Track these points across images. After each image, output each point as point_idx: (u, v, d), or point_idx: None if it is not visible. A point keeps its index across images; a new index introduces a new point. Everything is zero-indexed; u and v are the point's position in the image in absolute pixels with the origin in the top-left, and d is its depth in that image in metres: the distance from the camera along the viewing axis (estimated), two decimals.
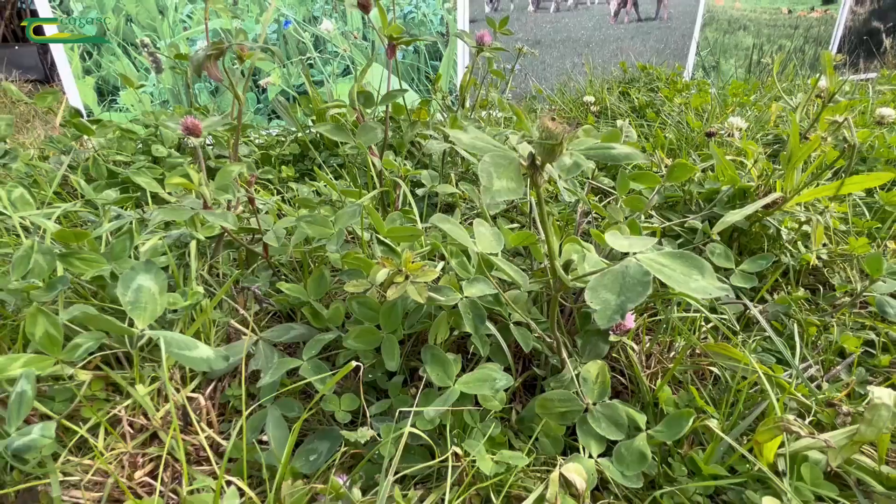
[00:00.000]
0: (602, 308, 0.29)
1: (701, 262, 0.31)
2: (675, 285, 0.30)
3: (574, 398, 0.54)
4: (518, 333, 0.62)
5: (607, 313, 0.28)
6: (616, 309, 0.28)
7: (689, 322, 0.74)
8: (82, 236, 0.62)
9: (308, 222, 0.62)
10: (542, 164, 0.30)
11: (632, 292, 0.29)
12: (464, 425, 0.54)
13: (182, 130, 0.52)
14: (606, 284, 0.30)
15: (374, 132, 0.65)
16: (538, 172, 0.30)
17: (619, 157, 0.30)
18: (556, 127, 0.29)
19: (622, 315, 0.28)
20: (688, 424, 0.51)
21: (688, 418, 0.52)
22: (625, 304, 0.28)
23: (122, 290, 0.51)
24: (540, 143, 0.29)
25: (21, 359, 0.51)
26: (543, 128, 0.29)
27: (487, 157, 0.29)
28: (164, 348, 0.49)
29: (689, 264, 0.31)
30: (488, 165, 0.28)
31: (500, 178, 0.28)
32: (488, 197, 0.27)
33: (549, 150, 0.29)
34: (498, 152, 0.29)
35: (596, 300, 0.29)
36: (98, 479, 0.53)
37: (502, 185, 0.28)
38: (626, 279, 0.29)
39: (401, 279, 0.52)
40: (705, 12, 3.20)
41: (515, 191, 0.28)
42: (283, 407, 0.56)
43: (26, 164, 1.01)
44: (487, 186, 0.28)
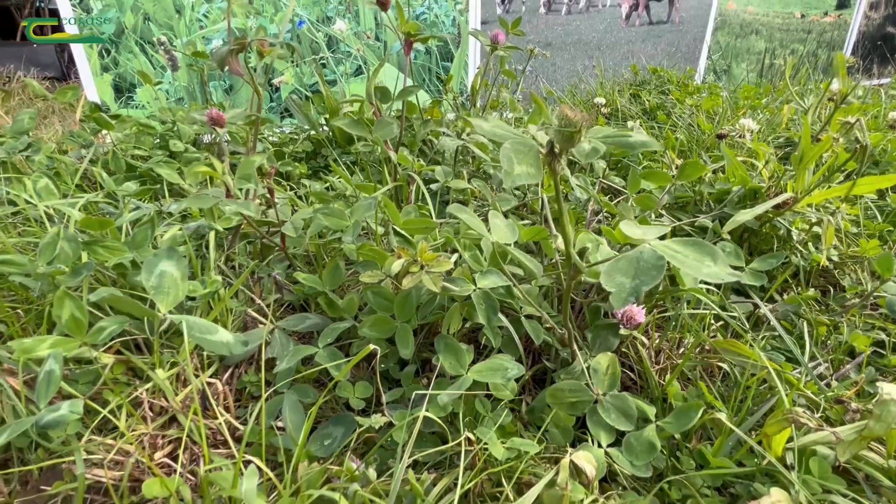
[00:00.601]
0: (617, 290, 0.30)
1: (713, 249, 0.32)
2: (689, 270, 0.31)
3: (584, 388, 0.55)
4: (529, 326, 0.63)
5: (622, 295, 0.29)
6: (631, 291, 0.29)
7: (699, 319, 0.75)
8: (106, 224, 0.64)
9: (325, 214, 0.64)
10: (560, 151, 0.31)
11: (646, 276, 0.30)
12: (475, 413, 0.55)
13: (207, 121, 0.53)
14: (621, 269, 0.31)
15: (391, 127, 0.67)
16: (556, 160, 0.31)
17: (635, 144, 0.31)
18: (575, 115, 0.30)
19: (637, 297, 0.29)
20: (697, 416, 0.52)
21: (697, 410, 0.53)
22: (639, 286, 0.29)
23: (146, 274, 0.52)
24: (559, 131, 0.30)
25: (48, 340, 0.53)
26: (563, 116, 0.30)
27: (508, 144, 0.30)
28: (186, 332, 0.50)
29: (701, 251, 0.32)
30: (509, 151, 0.29)
31: (521, 163, 0.29)
32: (509, 181, 0.28)
33: (567, 138, 0.30)
34: (518, 139, 0.31)
35: (611, 283, 0.30)
36: (119, 458, 0.55)
37: (522, 170, 0.29)
38: (641, 263, 0.30)
39: (416, 269, 0.53)
40: (717, 16, 3.20)
41: (535, 176, 0.29)
42: (299, 392, 0.58)
43: (48, 156, 1.03)
44: (508, 171, 0.29)
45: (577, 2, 2.68)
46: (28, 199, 0.72)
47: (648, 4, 2.89)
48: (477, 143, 0.94)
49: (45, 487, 0.54)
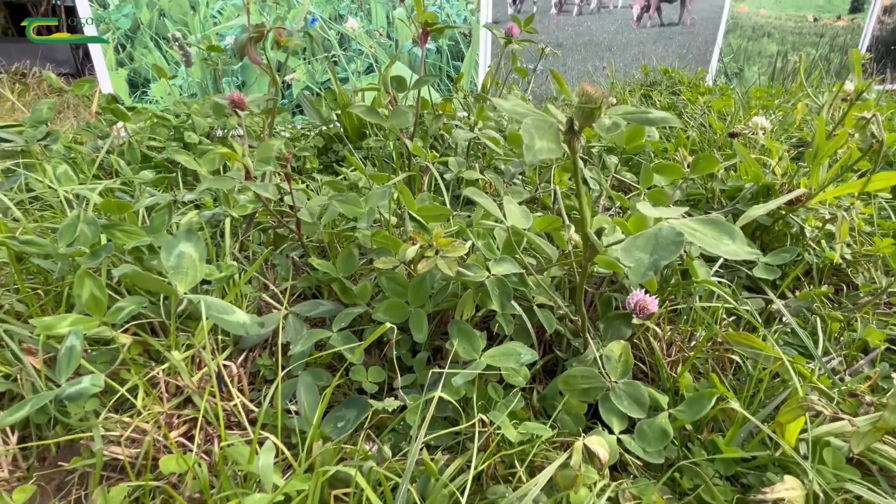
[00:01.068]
0: (636, 265, 0.30)
1: (731, 228, 0.32)
2: (707, 247, 0.31)
3: (597, 375, 0.55)
4: (542, 315, 0.63)
5: (640, 269, 0.30)
6: (649, 266, 0.30)
7: (711, 313, 0.75)
8: (125, 208, 0.65)
9: (340, 201, 0.64)
10: (580, 128, 0.31)
11: (664, 251, 0.30)
12: (488, 399, 0.56)
13: (228, 104, 0.54)
14: (640, 245, 0.31)
15: (406, 116, 0.67)
16: (576, 137, 0.32)
17: (654, 119, 0.31)
18: (595, 91, 0.30)
19: (655, 272, 0.29)
20: (709, 404, 0.52)
21: (710, 399, 0.53)
22: (657, 261, 0.30)
23: (166, 255, 0.53)
24: (579, 107, 0.30)
25: (68, 319, 0.54)
26: (583, 92, 0.30)
27: (528, 120, 0.30)
28: (204, 311, 0.51)
29: (719, 230, 0.32)
30: (529, 126, 0.30)
31: (541, 138, 0.30)
32: (530, 155, 0.29)
33: (587, 114, 0.30)
34: (538, 116, 0.31)
35: (630, 258, 0.30)
36: (136, 436, 0.56)
37: (542, 145, 0.29)
38: (660, 240, 0.31)
39: (431, 253, 0.53)
40: (729, 18, 3.19)
41: (555, 150, 0.30)
42: (314, 375, 0.58)
43: (66, 146, 1.05)
44: (529, 145, 0.29)
45: (589, 3, 2.69)
46: (48, 185, 0.73)
47: (660, 6, 2.88)
48: (489, 138, 0.94)
49: (63, 463, 0.55)
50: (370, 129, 1.49)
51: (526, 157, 0.29)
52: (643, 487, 0.49)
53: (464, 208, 1.01)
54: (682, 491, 0.54)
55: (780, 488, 0.45)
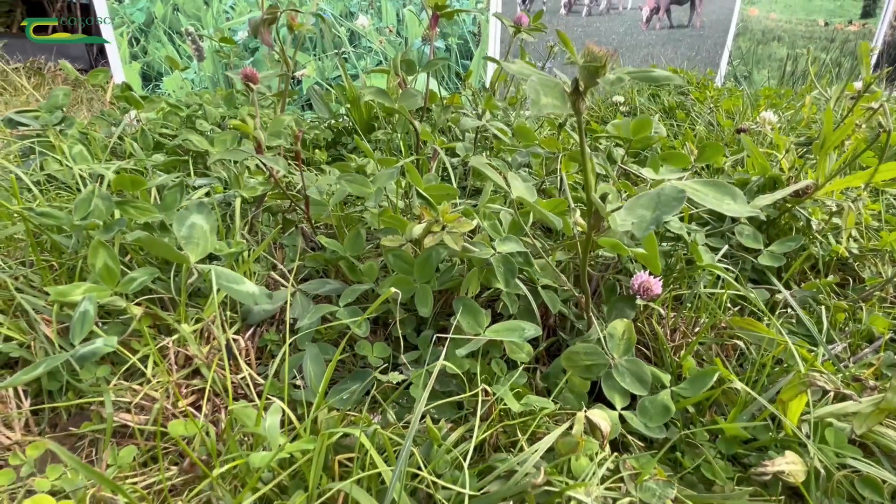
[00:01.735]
0: (639, 221, 0.31)
1: (733, 189, 0.33)
2: (709, 205, 0.31)
3: (600, 352, 0.55)
4: (546, 296, 0.63)
5: (643, 224, 0.30)
6: (651, 220, 0.30)
7: (715, 299, 0.75)
8: (139, 184, 0.66)
9: (348, 181, 0.65)
10: (585, 88, 0.32)
11: (666, 206, 0.30)
12: (491, 374, 0.56)
13: (241, 78, 0.55)
14: (642, 204, 0.32)
15: (415, 98, 0.68)
16: (581, 98, 0.32)
17: (659, 78, 0.32)
18: (600, 50, 0.31)
19: (657, 226, 0.30)
20: (710, 381, 0.52)
21: (711, 376, 0.53)
22: (660, 216, 0.30)
23: (178, 226, 0.54)
24: (584, 66, 0.31)
25: (82, 287, 0.55)
26: (588, 52, 0.31)
27: (534, 77, 0.31)
28: (214, 280, 0.52)
29: (721, 191, 0.33)
30: (535, 83, 0.31)
31: (546, 95, 0.30)
32: (536, 109, 0.30)
33: (592, 73, 0.31)
34: (543, 76, 0.32)
35: (633, 216, 0.31)
36: (145, 403, 0.57)
37: (548, 101, 0.30)
38: (661, 198, 0.31)
39: (438, 229, 0.54)
40: (739, 21, 3.18)
41: (560, 107, 0.30)
42: (320, 348, 0.59)
43: (80, 131, 1.07)
44: (535, 100, 0.30)
45: (598, 4, 2.70)
46: (64, 163, 0.75)
47: (669, 8, 2.88)
48: (497, 128, 0.95)
49: (74, 428, 0.56)
50: (379, 122, 1.51)
51: (532, 111, 0.29)
52: (644, 462, 0.49)
53: (471, 198, 1.02)
54: (684, 469, 0.55)
55: (780, 461, 0.45)
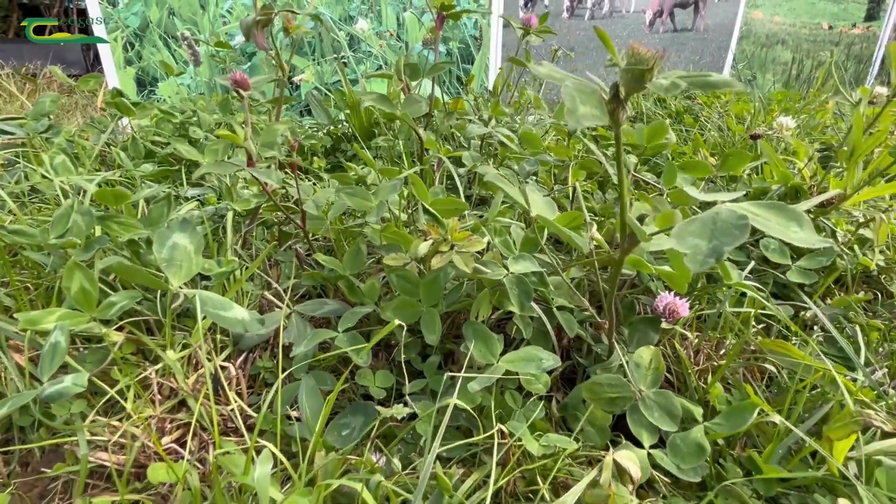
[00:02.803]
0: (692, 252, 0.26)
1: (798, 213, 0.28)
2: (773, 233, 0.27)
3: (625, 383, 0.50)
4: (563, 318, 0.59)
5: (698, 257, 0.25)
6: (709, 252, 0.25)
7: (741, 319, 0.70)
8: (122, 198, 0.61)
9: (348, 194, 0.61)
10: (626, 94, 0.27)
11: (726, 236, 0.26)
12: (505, 407, 0.51)
13: (231, 84, 0.51)
14: (694, 231, 0.27)
15: (420, 104, 0.64)
16: (621, 106, 0.28)
17: (717, 83, 0.27)
18: (647, 51, 0.26)
19: (716, 259, 0.25)
20: (751, 418, 0.47)
21: (750, 411, 0.48)
22: (719, 248, 0.25)
23: (158, 247, 0.49)
24: (628, 70, 0.26)
25: (56, 313, 0.50)
26: (632, 52, 0.26)
27: (570, 83, 0.26)
28: (199, 307, 0.47)
29: (785, 215, 0.28)
30: (571, 90, 0.26)
31: (584, 103, 0.26)
32: (573, 120, 0.25)
33: (637, 77, 0.26)
34: (579, 80, 0.27)
35: (683, 245, 0.26)
36: (125, 441, 0.52)
37: (587, 111, 0.25)
38: (718, 224, 0.26)
39: (446, 248, 0.49)
40: (743, 25, 3.15)
41: (599, 118, 0.26)
42: (317, 378, 0.54)
43: (68, 139, 1.02)
44: (572, 109, 0.25)
45: (601, 7, 2.66)
46: (44, 175, 0.70)
47: (673, 11, 2.85)
48: (504, 135, 0.90)
49: (46, 469, 0.51)
50: (379, 128, 1.46)
51: (568, 124, 0.25)
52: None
53: (476, 209, 0.97)
54: None
55: None
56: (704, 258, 0.25)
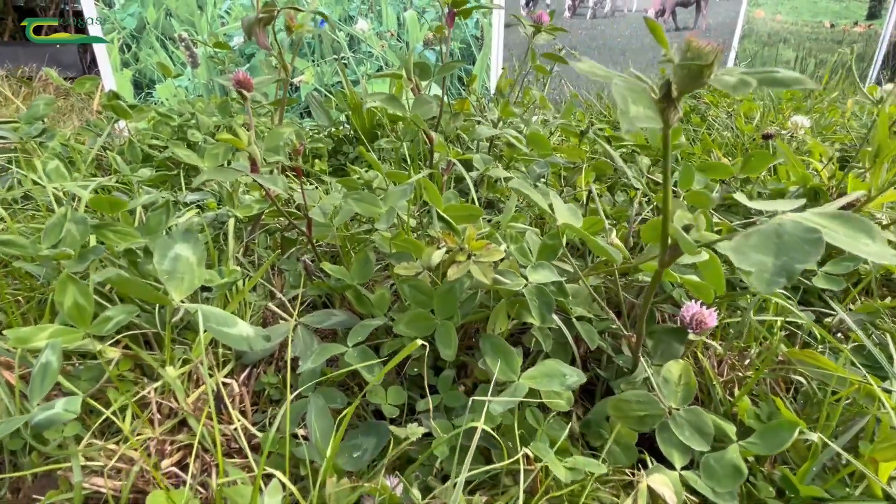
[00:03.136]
0: (757, 270, 0.23)
1: (869, 225, 0.25)
2: (841, 245, 0.24)
3: (654, 401, 0.47)
4: (583, 329, 0.56)
5: (764, 276, 0.22)
6: (776, 271, 0.22)
7: (767, 327, 0.67)
8: (118, 206, 0.58)
9: (356, 199, 0.58)
10: (679, 94, 0.25)
11: (797, 252, 0.23)
12: (526, 426, 0.48)
13: (233, 84, 0.48)
14: (755, 245, 0.24)
15: (430, 105, 0.61)
16: (672, 106, 0.25)
17: (787, 80, 0.24)
18: (707, 45, 0.23)
19: (788, 279, 0.22)
20: (790, 437, 0.45)
21: (789, 430, 0.45)
22: (789, 265, 0.22)
23: (159, 258, 0.46)
24: (684, 66, 0.24)
25: (48, 330, 0.47)
26: (689, 46, 0.23)
27: (619, 81, 0.24)
28: (201, 323, 0.44)
29: (853, 227, 0.25)
30: (622, 89, 0.23)
31: (636, 103, 0.23)
32: (626, 121, 0.22)
33: (694, 74, 0.24)
34: (627, 78, 0.24)
35: (745, 261, 0.23)
36: (122, 465, 0.49)
37: (639, 112, 0.23)
38: (784, 237, 0.24)
39: (463, 258, 0.46)
40: (745, 23, 3.12)
41: (653, 119, 0.23)
42: (326, 396, 0.51)
43: (63, 143, 0.99)
44: (624, 110, 0.22)
45: (603, 6, 2.63)
46: (36, 181, 0.67)
47: (675, 10, 2.82)
48: (513, 136, 0.87)
49: (39, 497, 0.48)
50: (382, 130, 1.43)
51: (622, 125, 0.22)
52: None
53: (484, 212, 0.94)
54: None
55: None
56: (772, 277, 0.22)
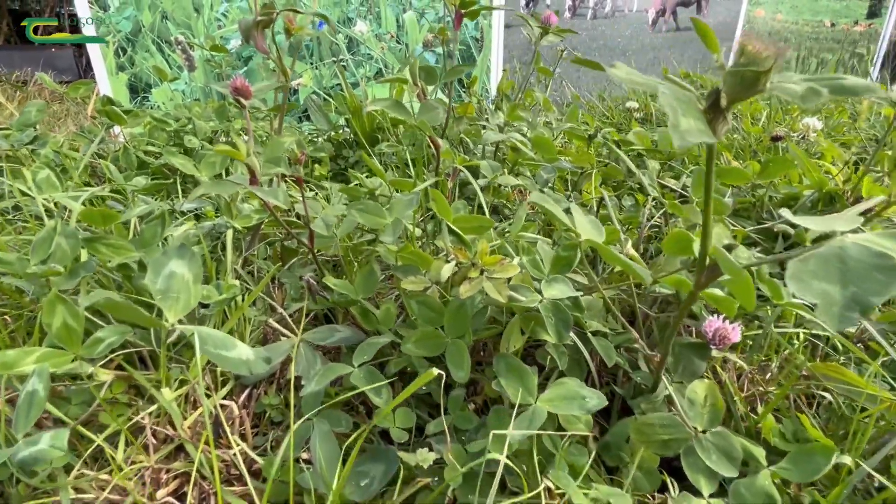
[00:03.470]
0: (824, 302, 0.20)
1: None
2: None
3: (679, 424, 0.45)
4: (599, 345, 0.53)
5: (833, 310, 0.20)
6: (846, 304, 0.20)
7: (787, 339, 0.65)
8: (110, 218, 0.55)
9: (360, 210, 0.55)
10: (728, 103, 0.22)
11: (868, 282, 0.20)
12: (542, 449, 0.46)
13: (231, 92, 0.45)
14: (815, 273, 0.22)
15: (437, 112, 0.58)
16: (721, 116, 0.22)
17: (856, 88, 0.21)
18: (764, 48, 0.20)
19: (862, 313, 0.20)
20: (827, 464, 0.42)
21: (825, 456, 0.42)
22: (860, 297, 0.20)
23: (153, 276, 0.44)
24: (736, 72, 0.21)
25: (35, 353, 0.44)
26: (743, 50, 0.21)
27: (665, 89, 0.21)
28: (198, 347, 0.42)
29: None
30: (671, 99, 0.20)
31: (686, 115, 0.20)
32: (678, 137, 0.19)
33: (748, 82, 0.21)
34: (674, 87, 0.22)
35: (809, 293, 0.21)
36: (115, 497, 0.46)
37: (690, 125, 0.20)
38: (850, 264, 0.21)
39: (476, 274, 0.44)
40: (745, 23, 3.10)
41: (705, 133, 0.20)
42: (331, 420, 0.48)
43: (55, 150, 0.96)
44: (675, 124, 0.20)
45: (603, 6, 2.61)
46: (25, 192, 0.64)
47: (676, 10, 2.80)
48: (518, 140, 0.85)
49: None
50: (383, 134, 1.41)
51: (674, 141, 0.19)
52: None
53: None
54: None
55: None
56: (842, 312, 0.20)
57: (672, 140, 0.20)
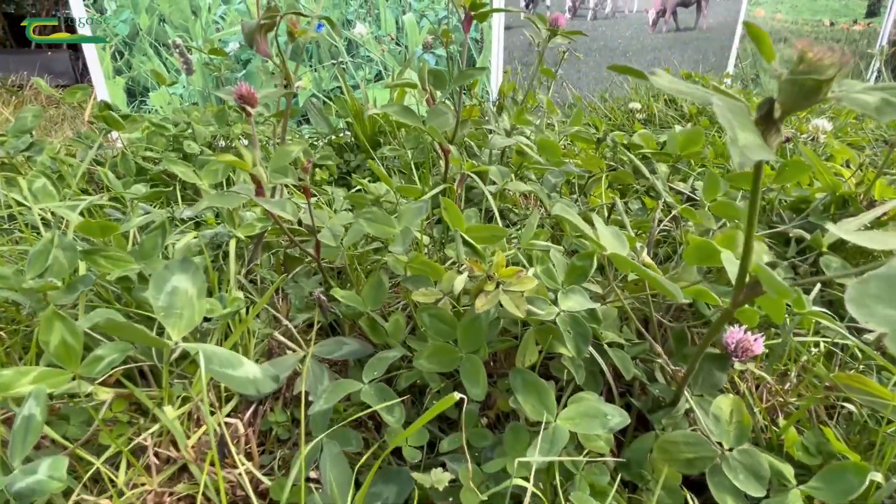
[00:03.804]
0: (894, 332, 0.19)
1: None
2: None
3: (704, 442, 0.43)
4: (617, 357, 0.51)
5: None
6: None
7: (806, 348, 0.63)
8: (109, 230, 0.54)
9: (368, 219, 0.53)
10: (783, 113, 0.20)
11: None
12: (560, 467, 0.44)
13: (235, 98, 0.43)
14: (879, 296, 0.20)
15: (446, 117, 0.56)
16: (774, 128, 0.21)
17: None
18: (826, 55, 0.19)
19: None
20: (861, 484, 0.40)
21: (859, 475, 0.41)
22: None
23: (155, 292, 0.42)
24: (795, 81, 0.19)
25: (32, 373, 0.42)
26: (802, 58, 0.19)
27: (719, 101, 0.19)
28: (203, 366, 0.40)
29: None
30: (726, 112, 0.19)
31: (743, 129, 0.19)
32: (738, 155, 0.18)
33: (808, 92, 0.19)
34: (725, 98, 0.20)
35: (873, 319, 0.19)
36: None
37: (749, 140, 0.18)
38: None
39: (492, 287, 0.42)
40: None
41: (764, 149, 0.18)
42: (341, 440, 0.46)
43: (52, 157, 0.94)
44: (733, 139, 0.18)
45: (603, 7, 2.60)
46: (21, 201, 0.62)
47: (676, 10, 2.79)
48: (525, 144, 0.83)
49: None
50: (384, 137, 1.39)
51: (733, 158, 0.18)
52: None
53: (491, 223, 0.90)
54: None
55: None
56: None
57: (732, 156, 0.18)
